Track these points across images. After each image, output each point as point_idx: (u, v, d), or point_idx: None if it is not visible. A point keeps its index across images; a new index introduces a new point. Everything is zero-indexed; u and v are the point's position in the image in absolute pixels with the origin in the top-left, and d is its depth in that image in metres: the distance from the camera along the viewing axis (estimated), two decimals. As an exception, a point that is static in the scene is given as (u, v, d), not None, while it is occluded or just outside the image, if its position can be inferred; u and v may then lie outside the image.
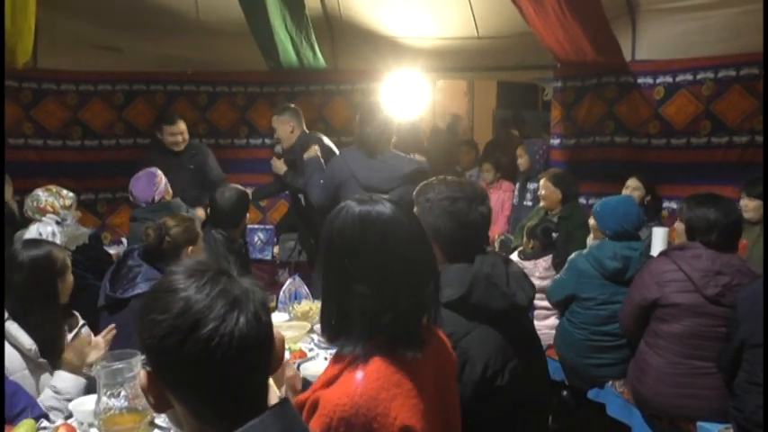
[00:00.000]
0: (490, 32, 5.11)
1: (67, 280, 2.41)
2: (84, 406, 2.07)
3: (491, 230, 4.89)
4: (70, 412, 2.10)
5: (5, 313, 2.24)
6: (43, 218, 3.37)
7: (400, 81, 5.12)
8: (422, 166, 3.85)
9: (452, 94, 8.61)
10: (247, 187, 4.05)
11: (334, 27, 5.41)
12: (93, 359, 2.29)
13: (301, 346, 2.80)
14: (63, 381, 2.20)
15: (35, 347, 2.23)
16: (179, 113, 4.97)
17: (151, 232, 2.80)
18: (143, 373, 1.02)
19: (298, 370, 2.34)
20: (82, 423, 2.02)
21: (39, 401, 2.12)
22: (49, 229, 3.32)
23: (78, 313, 2.59)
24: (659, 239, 3.62)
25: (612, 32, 4.29)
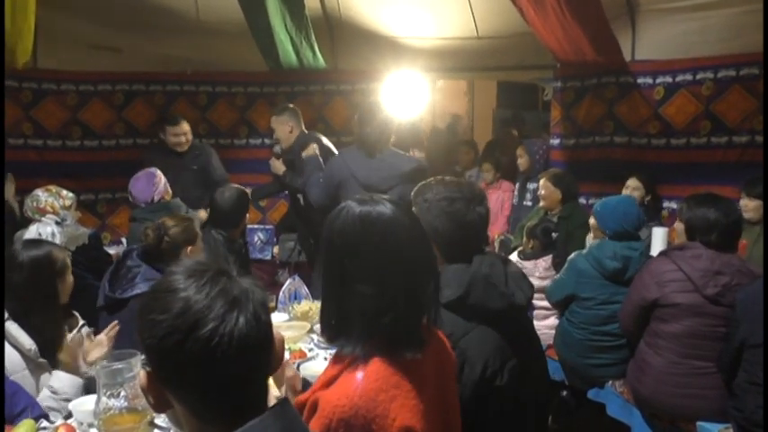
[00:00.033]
0: (490, 32, 5.11)
1: (67, 280, 2.41)
2: (84, 406, 2.08)
3: (491, 230, 4.92)
4: (69, 412, 2.10)
5: (5, 313, 2.24)
6: (43, 218, 3.37)
7: (400, 81, 5.13)
8: (421, 164, 3.85)
9: (452, 94, 8.60)
10: (247, 187, 4.05)
11: (334, 27, 5.42)
12: (96, 357, 2.29)
13: (301, 346, 2.80)
14: (60, 381, 2.20)
15: (35, 347, 2.24)
16: (179, 114, 4.97)
17: (150, 232, 2.80)
18: (143, 372, 1.02)
19: (297, 370, 2.34)
20: (81, 423, 2.03)
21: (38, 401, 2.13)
22: (49, 230, 3.32)
23: (78, 313, 2.59)
24: (659, 239, 3.61)
25: (612, 32, 4.29)
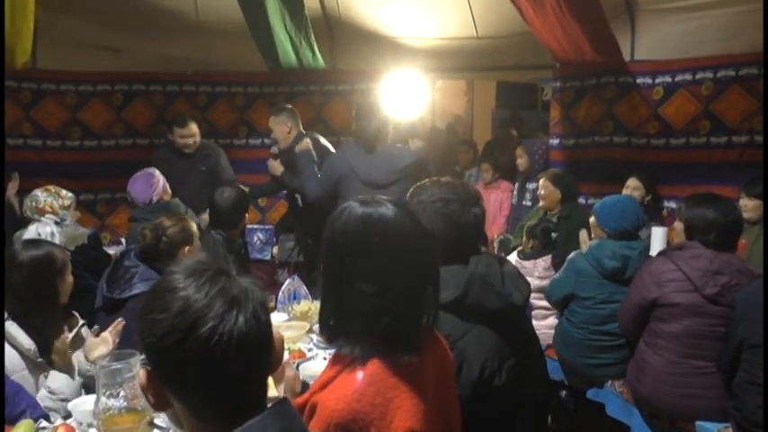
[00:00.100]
0: (489, 32, 5.12)
1: (67, 280, 2.41)
2: (84, 406, 2.08)
3: (490, 230, 4.93)
4: (68, 412, 2.10)
5: (5, 313, 2.24)
6: (42, 218, 3.36)
7: (399, 81, 5.12)
8: (421, 156, 3.85)
9: (451, 94, 8.62)
10: (246, 187, 4.05)
11: (334, 27, 5.42)
12: (99, 354, 2.29)
13: (300, 346, 2.80)
14: (56, 381, 2.21)
15: (34, 347, 2.23)
16: (181, 114, 4.95)
17: (148, 233, 2.80)
18: (143, 371, 1.02)
19: (297, 370, 2.34)
20: (81, 423, 2.02)
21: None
22: (48, 230, 3.31)
23: (77, 313, 2.59)
24: (658, 239, 3.62)
25: (611, 32, 4.29)
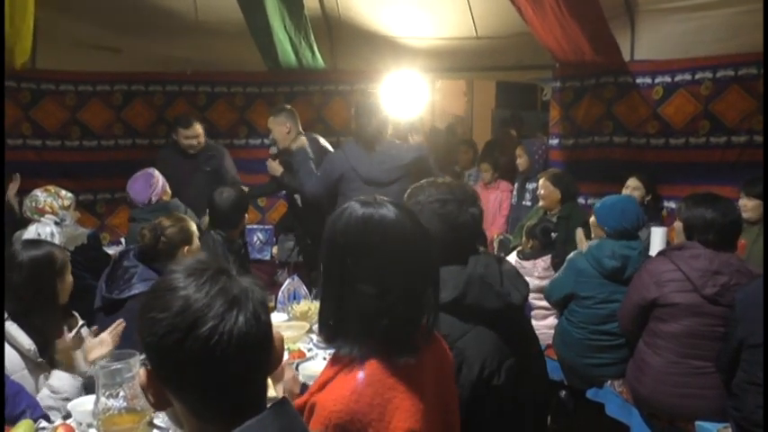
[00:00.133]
0: (489, 32, 5.12)
1: (67, 280, 2.41)
2: (83, 406, 2.07)
3: (490, 230, 4.93)
4: (68, 412, 2.10)
5: (5, 313, 2.24)
6: (42, 218, 3.36)
7: (399, 81, 5.12)
8: (422, 152, 3.83)
9: (451, 94, 8.62)
10: (245, 187, 4.05)
11: (333, 27, 5.42)
12: (98, 355, 2.29)
13: (300, 346, 2.80)
14: (59, 380, 2.21)
15: (34, 347, 2.23)
16: (185, 115, 4.95)
17: (146, 233, 2.80)
18: (143, 371, 1.02)
19: (296, 370, 2.34)
20: (80, 423, 2.02)
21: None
22: (48, 230, 3.31)
23: (77, 313, 2.59)
24: (658, 239, 3.61)
25: (611, 32, 4.29)
